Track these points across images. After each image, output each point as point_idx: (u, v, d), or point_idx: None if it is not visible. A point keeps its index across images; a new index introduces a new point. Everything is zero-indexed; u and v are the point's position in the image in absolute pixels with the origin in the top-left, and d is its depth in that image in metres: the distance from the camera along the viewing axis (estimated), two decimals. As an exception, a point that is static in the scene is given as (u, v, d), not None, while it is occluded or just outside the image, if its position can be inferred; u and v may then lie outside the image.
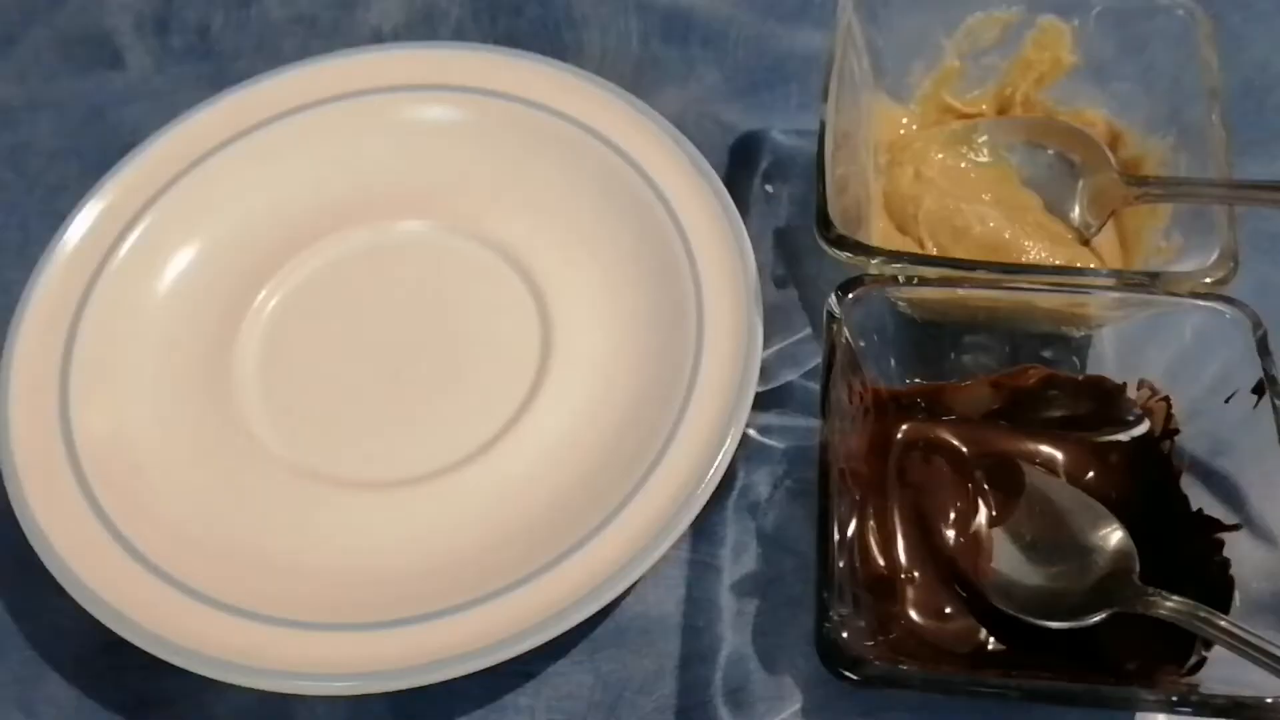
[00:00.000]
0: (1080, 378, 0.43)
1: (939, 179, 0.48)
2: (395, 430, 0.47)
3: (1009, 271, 0.42)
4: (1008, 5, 0.49)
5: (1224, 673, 0.36)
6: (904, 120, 0.51)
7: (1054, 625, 0.38)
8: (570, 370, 0.48)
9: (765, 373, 0.47)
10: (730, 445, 0.42)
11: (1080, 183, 0.47)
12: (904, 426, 0.43)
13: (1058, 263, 0.45)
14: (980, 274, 0.41)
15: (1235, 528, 0.38)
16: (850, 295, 0.40)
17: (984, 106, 0.51)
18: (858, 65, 0.47)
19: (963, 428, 0.43)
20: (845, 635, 0.34)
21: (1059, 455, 0.42)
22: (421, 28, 0.61)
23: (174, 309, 0.50)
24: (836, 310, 0.40)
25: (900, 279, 0.41)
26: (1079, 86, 0.50)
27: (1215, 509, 0.39)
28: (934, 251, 0.46)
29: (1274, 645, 0.33)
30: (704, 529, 0.45)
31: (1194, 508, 0.40)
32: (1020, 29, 0.49)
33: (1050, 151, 0.48)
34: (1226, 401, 0.39)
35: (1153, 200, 0.45)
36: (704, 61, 0.59)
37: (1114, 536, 0.39)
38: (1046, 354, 0.44)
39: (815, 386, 0.42)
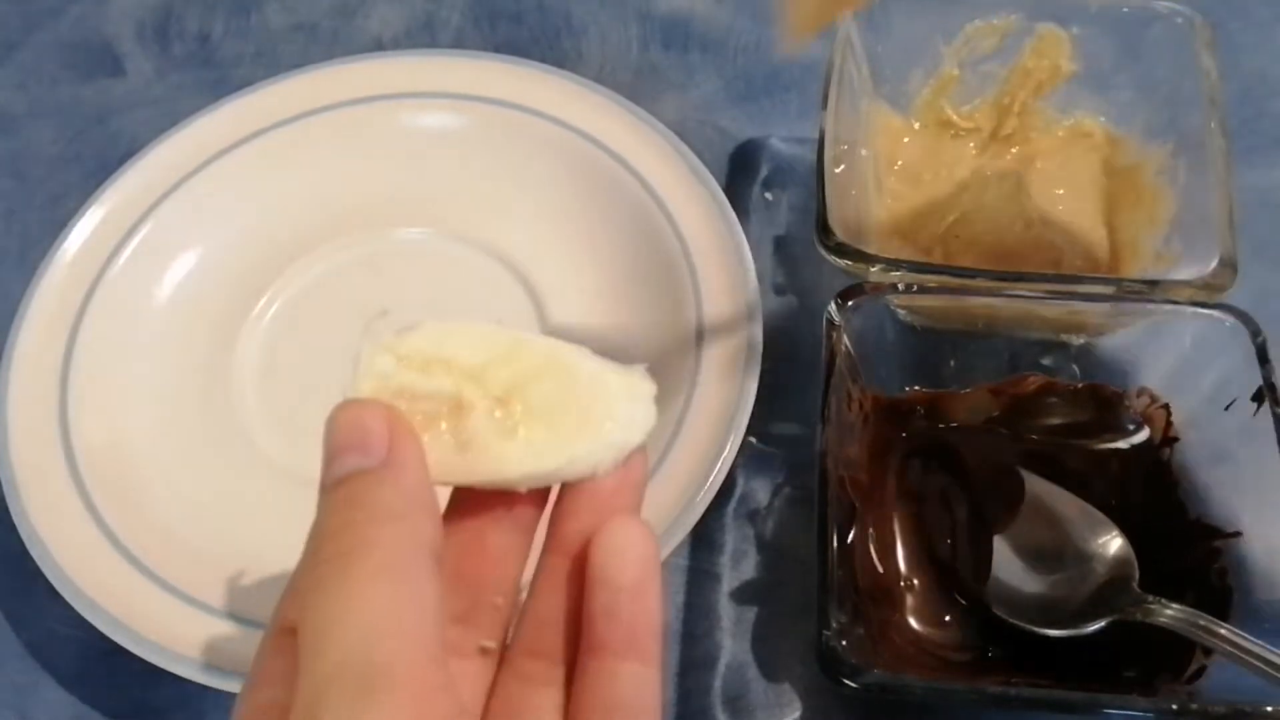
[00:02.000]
0: (1080, 385, 0.43)
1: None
2: (394, 437, 0.47)
3: (1008, 279, 0.42)
4: (1006, 13, 0.49)
5: (1224, 681, 0.36)
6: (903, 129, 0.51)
7: (1053, 633, 0.38)
8: (570, 377, 0.48)
9: (765, 380, 0.47)
10: (729, 452, 0.42)
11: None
12: (903, 434, 0.43)
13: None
14: (979, 281, 0.41)
15: (1234, 535, 0.38)
16: (850, 303, 0.40)
17: (980, 118, 0.51)
18: (857, 73, 0.47)
19: (962, 435, 0.43)
20: (845, 643, 0.34)
21: (1058, 463, 0.42)
22: (421, 35, 0.61)
23: (174, 316, 0.50)
24: (836, 318, 0.40)
25: (900, 286, 0.41)
26: (1077, 94, 0.50)
27: (1214, 516, 0.39)
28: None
29: (1273, 653, 0.33)
30: (703, 536, 0.45)
31: (1193, 515, 0.40)
32: (1019, 37, 0.49)
33: None
34: (1226, 409, 0.39)
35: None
36: (704, 69, 0.59)
37: (1113, 544, 0.39)
38: (1046, 361, 0.44)
39: (815, 394, 0.42)
